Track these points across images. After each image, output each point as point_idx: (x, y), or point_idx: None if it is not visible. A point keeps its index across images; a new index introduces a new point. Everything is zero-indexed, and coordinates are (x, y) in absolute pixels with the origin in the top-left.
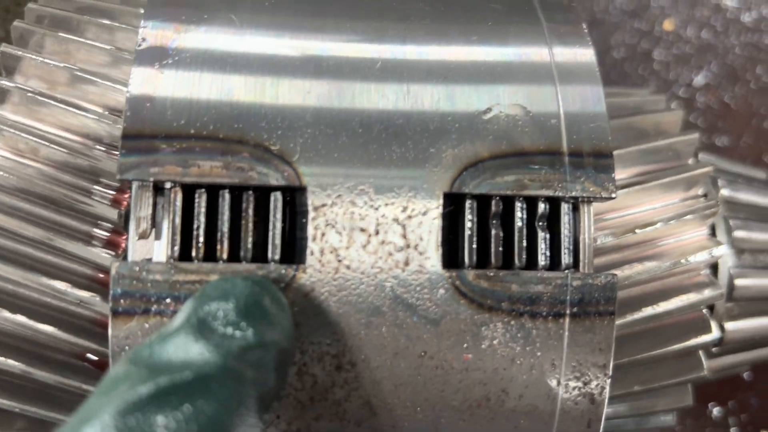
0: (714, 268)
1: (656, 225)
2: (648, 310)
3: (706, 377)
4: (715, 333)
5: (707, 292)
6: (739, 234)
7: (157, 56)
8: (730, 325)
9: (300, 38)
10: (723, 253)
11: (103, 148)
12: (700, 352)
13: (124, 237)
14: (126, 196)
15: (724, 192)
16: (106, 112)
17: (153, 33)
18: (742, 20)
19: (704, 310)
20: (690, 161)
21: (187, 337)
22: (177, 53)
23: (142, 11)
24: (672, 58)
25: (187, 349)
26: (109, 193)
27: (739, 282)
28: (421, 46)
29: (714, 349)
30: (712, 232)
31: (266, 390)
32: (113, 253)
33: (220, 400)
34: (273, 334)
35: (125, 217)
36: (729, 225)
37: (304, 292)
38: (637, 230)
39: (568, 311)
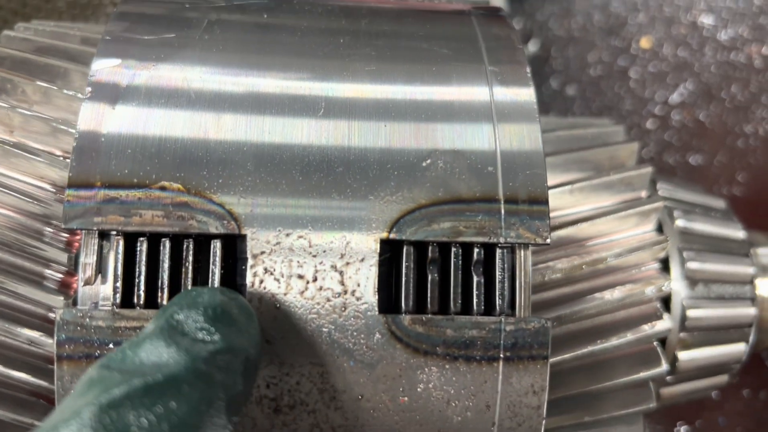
0: (667, 299)
1: (606, 259)
2: (598, 344)
3: (655, 408)
4: (664, 366)
5: (657, 326)
6: (692, 265)
7: (106, 97)
8: (683, 355)
9: (246, 78)
10: (672, 287)
11: (55, 192)
12: (651, 383)
13: (76, 278)
14: (78, 238)
15: (679, 223)
16: (58, 155)
17: (103, 73)
18: (718, 38)
19: (655, 343)
20: (645, 193)
21: (158, 342)
22: (125, 94)
23: None
24: (648, 76)
25: (158, 353)
26: (63, 236)
27: (691, 313)
28: (364, 88)
29: (669, 378)
30: (666, 263)
31: (235, 394)
32: (65, 294)
33: (191, 401)
34: (241, 341)
35: (76, 259)
36: (683, 256)
37: None
38: (584, 266)
39: (501, 355)
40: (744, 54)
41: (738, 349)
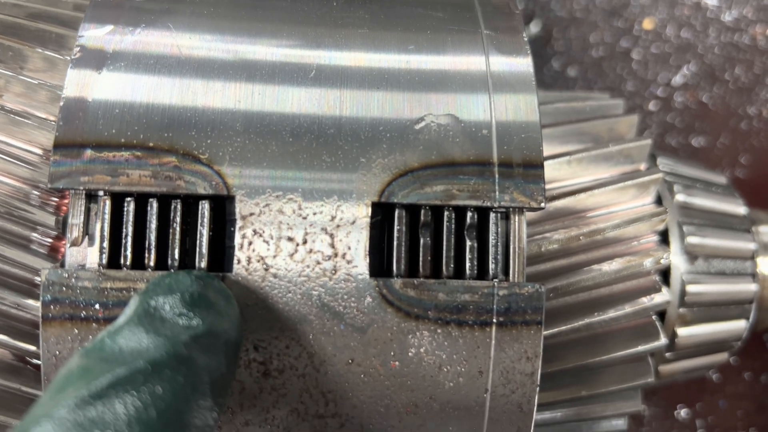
0: (666, 273)
1: (604, 231)
2: (595, 316)
3: (654, 383)
4: (662, 340)
5: (655, 299)
6: (692, 240)
7: (94, 61)
8: (682, 331)
9: (236, 44)
10: (671, 260)
11: (43, 155)
12: (650, 358)
13: (64, 242)
14: (66, 201)
15: (679, 197)
16: (49, 120)
17: (91, 38)
18: (722, 19)
19: (654, 316)
20: (644, 166)
21: (137, 328)
22: (113, 58)
23: None
24: (651, 57)
25: (138, 340)
26: (52, 200)
27: (690, 288)
28: (357, 54)
29: (668, 354)
30: (665, 237)
31: (218, 375)
32: (54, 258)
33: (175, 385)
34: (221, 323)
35: (64, 223)
36: (682, 230)
37: None
38: (581, 238)
39: (494, 320)
40: (748, 35)
41: (738, 326)
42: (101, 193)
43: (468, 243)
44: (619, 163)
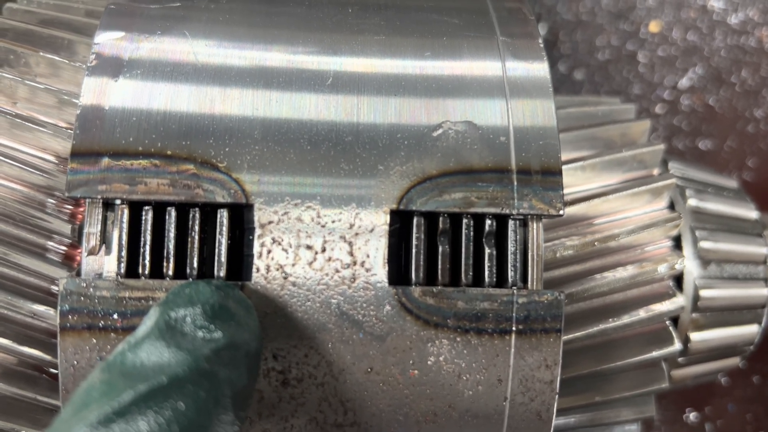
0: (679, 278)
1: (618, 237)
2: (609, 322)
3: (668, 389)
4: (676, 345)
5: (669, 304)
6: (704, 245)
7: (110, 69)
8: (695, 336)
9: (252, 51)
10: (684, 265)
11: (58, 163)
12: (664, 363)
13: (80, 251)
14: (82, 210)
15: (692, 202)
16: (63, 126)
17: (107, 45)
18: (728, 22)
19: (667, 322)
20: (657, 171)
21: (158, 342)
22: (129, 66)
23: None
24: (657, 60)
25: (159, 354)
26: (67, 208)
27: (704, 293)
28: (373, 61)
29: (680, 359)
30: (678, 242)
31: (240, 389)
32: (69, 266)
33: (197, 401)
34: (242, 335)
35: (80, 231)
36: (695, 235)
37: None
38: (595, 244)
39: (514, 328)
40: (754, 38)
41: (750, 330)
42: (118, 201)
43: (487, 251)
44: (632, 169)
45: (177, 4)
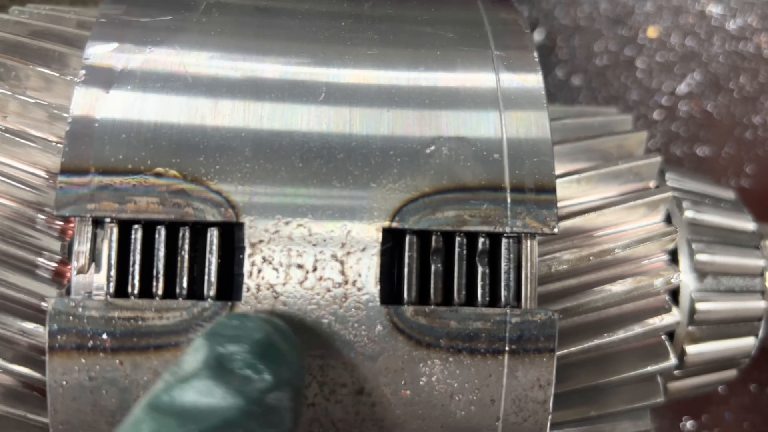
0: (675, 291)
1: (614, 251)
2: (604, 337)
3: (664, 402)
4: (672, 360)
5: (665, 319)
6: (701, 258)
7: (100, 83)
8: (691, 349)
9: (244, 64)
10: (681, 279)
11: (48, 179)
12: (659, 378)
13: (70, 268)
14: (72, 226)
15: (688, 214)
16: (53, 141)
17: (97, 58)
18: (726, 28)
19: (663, 336)
20: (653, 183)
21: (207, 381)
22: (120, 80)
23: None
24: (655, 65)
25: (210, 394)
26: (57, 224)
27: (700, 306)
28: (366, 74)
29: (677, 372)
30: (674, 255)
31: (285, 429)
32: (59, 284)
33: None
34: (287, 374)
35: (69, 248)
36: (691, 248)
37: None
38: (591, 258)
39: (507, 348)
40: (753, 44)
41: (747, 343)
42: (108, 220)
43: (480, 269)
44: (628, 181)
45: (168, 17)
